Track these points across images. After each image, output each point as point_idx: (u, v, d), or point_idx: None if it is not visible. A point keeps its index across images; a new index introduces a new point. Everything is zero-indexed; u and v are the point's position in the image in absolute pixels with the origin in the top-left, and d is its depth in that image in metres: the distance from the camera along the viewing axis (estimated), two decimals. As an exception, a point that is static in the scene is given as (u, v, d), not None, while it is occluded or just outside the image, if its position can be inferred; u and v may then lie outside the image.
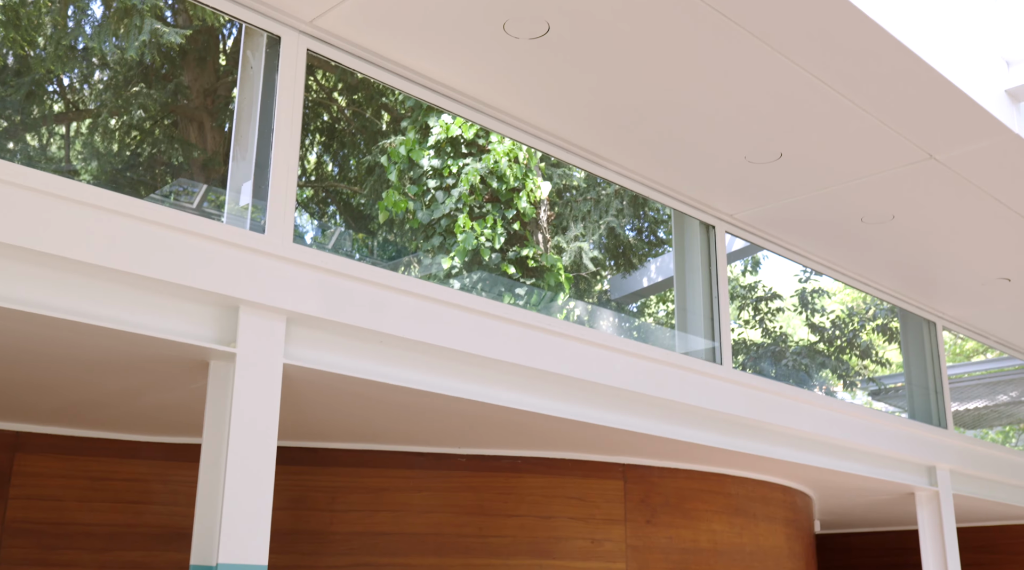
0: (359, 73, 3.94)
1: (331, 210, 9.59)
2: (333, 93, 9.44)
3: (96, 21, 6.90)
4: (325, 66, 9.25)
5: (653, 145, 4.68)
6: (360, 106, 9.02)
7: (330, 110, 9.33)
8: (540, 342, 4.21)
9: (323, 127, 9.32)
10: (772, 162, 4.83)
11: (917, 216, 5.49)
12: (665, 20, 3.66)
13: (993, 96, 4.46)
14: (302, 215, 9.40)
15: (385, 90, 8.76)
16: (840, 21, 3.69)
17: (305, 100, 9.48)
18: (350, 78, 8.89)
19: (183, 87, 7.75)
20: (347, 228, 9.22)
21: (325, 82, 9.38)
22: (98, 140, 7.76)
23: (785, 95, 4.20)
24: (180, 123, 7.91)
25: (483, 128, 7.55)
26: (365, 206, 8.79)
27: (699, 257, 5.49)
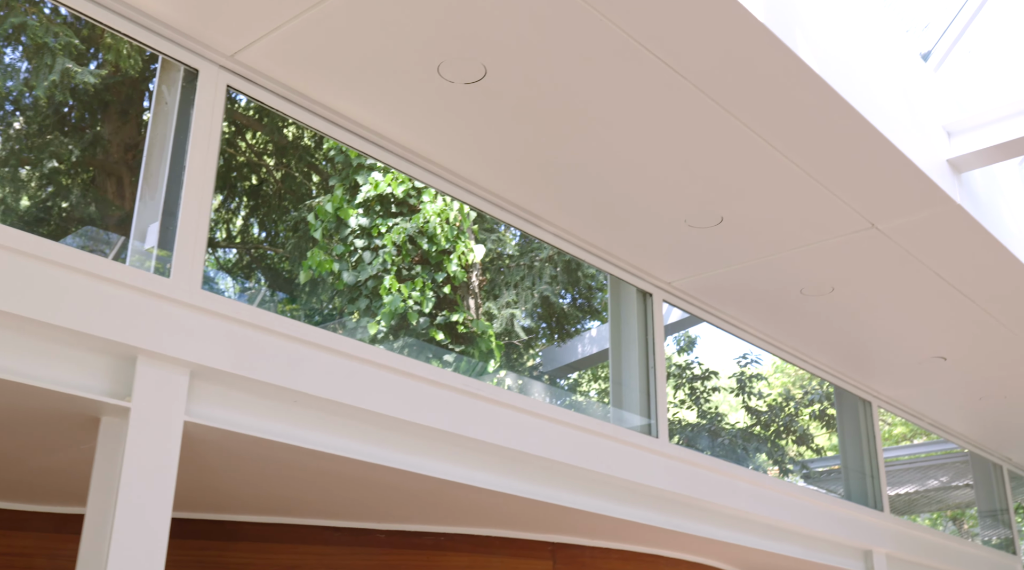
0: (282, 114, 3.71)
1: (256, 275, 9.26)
2: (263, 155, 9.20)
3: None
4: (256, 125, 9.01)
5: (590, 205, 4.50)
6: (290, 166, 8.77)
7: (259, 172, 9.07)
8: (469, 408, 3.94)
9: (251, 189, 9.04)
10: (713, 227, 4.68)
11: (856, 289, 5.39)
12: (607, 69, 3.50)
13: (935, 165, 4.39)
14: (225, 279, 9.06)
15: (315, 150, 8.54)
16: (789, 79, 3.58)
17: (234, 161, 9.21)
18: (280, 137, 8.66)
19: (102, 139, 7.44)
20: (271, 291, 8.89)
21: (255, 143, 9.14)
22: (4, 190, 7.37)
23: (729, 155, 4.06)
24: (97, 178, 7.57)
25: (414, 187, 7.35)
26: (289, 267, 8.48)
27: (635, 327, 5.29)
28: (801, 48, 3.49)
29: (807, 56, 3.52)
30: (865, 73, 3.95)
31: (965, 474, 11.01)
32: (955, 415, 7.90)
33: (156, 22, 3.29)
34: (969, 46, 5.12)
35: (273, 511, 4.39)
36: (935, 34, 4.94)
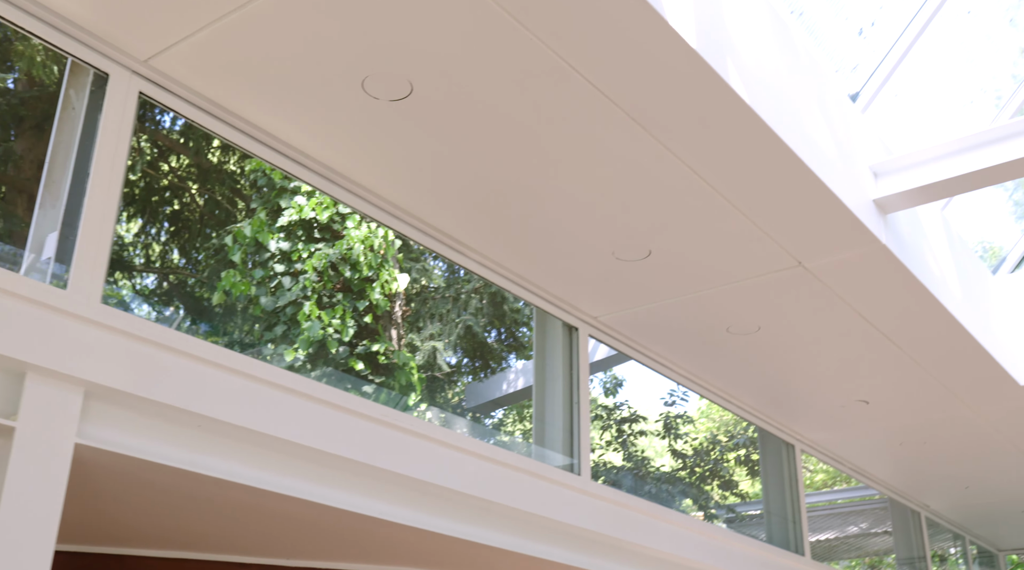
0: (199, 126, 3.55)
1: (175, 302, 8.97)
2: (188, 180, 8.96)
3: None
4: (180, 148, 8.78)
5: (517, 233, 4.41)
6: (213, 191, 8.54)
7: (182, 196, 8.83)
8: (386, 439, 3.78)
9: (173, 214, 8.79)
10: (641, 260, 4.61)
11: (782, 329, 5.36)
12: (537, 92, 3.42)
13: (862, 205, 4.39)
14: (141, 305, 8.75)
15: (239, 175, 8.34)
16: (721, 109, 3.54)
17: (156, 184, 8.95)
18: (204, 161, 8.44)
19: (14, 155, 7.14)
20: (189, 319, 8.60)
21: (179, 167, 8.90)
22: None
23: (659, 185, 4.01)
24: (8, 194, 7.26)
25: (339, 212, 7.18)
26: (207, 294, 8.22)
27: (560, 362, 5.19)
28: (733, 79, 3.46)
29: (739, 88, 3.49)
30: (796, 109, 3.94)
31: (884, 521, 11.10)
32: (876, 460, 7.93)
33: (65, 21, 3.12)
34: (896, 89, 5.18)
35: (172, 545, 4.15)
36: (863, 76, 4.99)
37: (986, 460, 7.87)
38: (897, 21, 4.98)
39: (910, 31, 5.01)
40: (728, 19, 3.56)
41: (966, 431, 7.11)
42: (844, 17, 4.70)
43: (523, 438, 10.43)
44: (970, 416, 6.76)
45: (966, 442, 7.38)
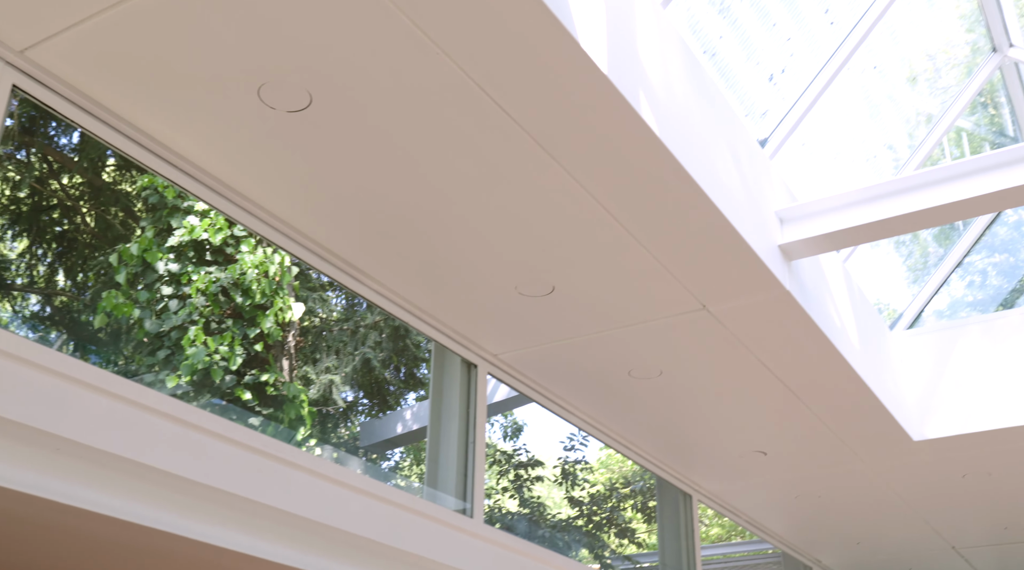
0: (79, 126, 3.31)
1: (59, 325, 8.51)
2: (79, 199, 8.56)
3: None
4: (70, 164, 8.38)
5: (418, 262, 4.24)
6: (105, 210, 8.16)
7: (71, 216, 8.42)
8: (268, 472, 3.54)
9: (60, 234, 8.37)
10: (544, 296, 4.49)
11: (684, 374, 5.29)
12: (443, 112, 3.29)
13: (768, 250, 4.36)
14: (23, 329, 8.28)
15: (132, 195, 7.98)
16: (631, 142, 3.45)
17: (45, 203, 8.52)
18: (96, 179, 8.07)
19: None
20: (72, 343, 8.16)
21: (70, 185, 8.50)
22: None
23: (566, 219, 3.90)
24: None
25: (233, 235, 6.89)
26: (88, 314, 7.78)
27: (457, 400, 5.01)
28: (645, 112, 3.39)
29: (651, 121, 3.42)
30: (706, 149, 3.89)
31: (777, 576, 11.10)
32: (771, 513, 7.91)
33: (-68, 2, 2.88)
34: (804, 137, 5.21)
35: (27, 581, 3.82)
36: (772, 122, 5.01)
37: (878, 516, 7.92)
38: (807, 71, 5.02)
39: (819, 81, 5.06)
40: (641, 51, 3.50)
41: (860, 486, 7.13)
42: (756, 62, 4.72)
43: (417, 480, 10.16)
44: (864, 470, 6.79)
45: (859, 497, 7.42)
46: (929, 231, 8.43)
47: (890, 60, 5.60)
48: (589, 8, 3.15)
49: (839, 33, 5.00)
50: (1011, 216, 8.69)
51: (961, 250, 8.29)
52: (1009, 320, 6.50)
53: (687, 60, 3.97)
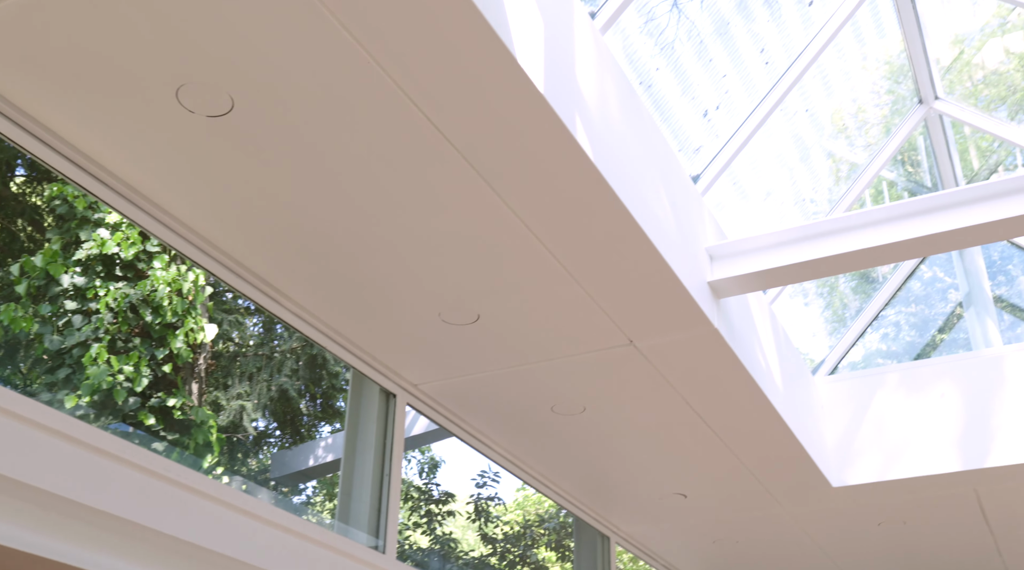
0: (-22, 121, 3.09)
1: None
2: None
3: None
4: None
5: (338, 284, 4.07)
6: (11, 222, 7.76)
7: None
8: (166, 497, 3.31)
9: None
10: (468, 324, 4.35)
11: (607, 412, 5.19)
12: (370, 123, 3.15)
13: (698, 286, 4.30)
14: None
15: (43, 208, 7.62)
16: (566, 166, 3.35)
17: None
18: (3, 190, 7.69)
19: None
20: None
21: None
22: None
23: (495, 244, 3.77)
24: None
25: (145, 250, 6.60)
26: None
27: (374, 430, 4.82)
28: (581, 136, 3.29)
29: (586, 146, 3.32)
30: (640, 180, 3.82)
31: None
32: (689, 558, 7.82)
33: None
34: (736, 176, 5.19)
35: None
36: (705, 159, 4.98)
37: (795, 564, 7.89)
38: (741, 109, 5.02)
39: (753, 120, 5.05)
40: (579, 75, 3.42)
41: (778, 532, 7.10)
42: (691, 97, 4.69)
43: (328, 516, 9.85)
44: (783, 516, 6.75)
45: (777, 543, 7.38)
46: (847, 284, 8.55)
47: (821, 105, 5.65)
48: (527, 25, 3.05)
49: (774, 74, 5.02)
50: (926, 272, 8.86)
51: (878, 303, 8.39)
52: (926, 370, 6.55)
53: (623, 89, 3.90)
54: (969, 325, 7.43)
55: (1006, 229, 4.04)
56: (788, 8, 4.94)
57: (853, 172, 6.67)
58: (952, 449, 6.04)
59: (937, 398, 6.33)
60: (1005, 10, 6.29)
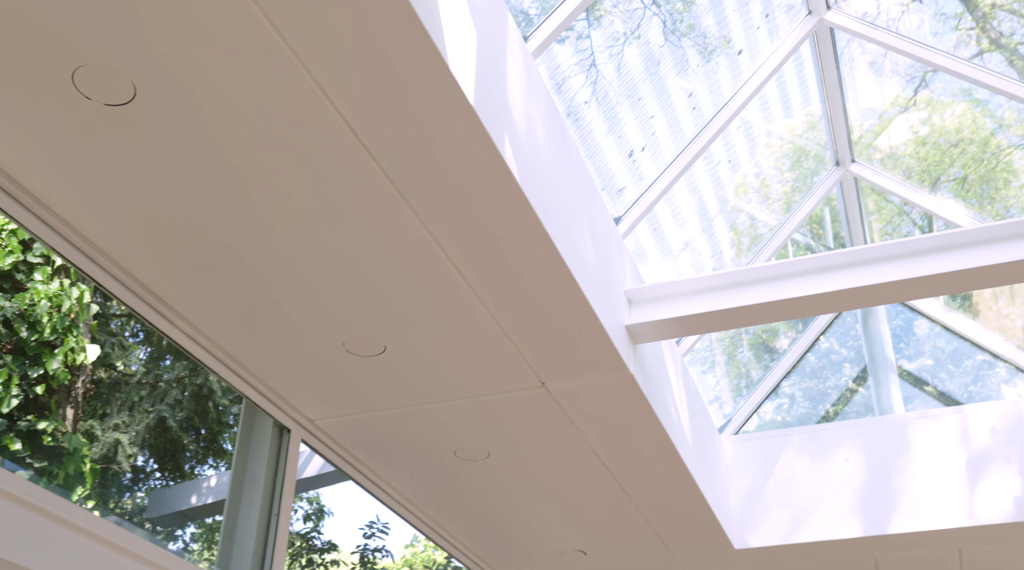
0: None
1: None
2: None
3: None
4: None
5: (235, 303, 3.78)
6: None
7: None
8: (35, 529, 2.95)
9: None
10: (374, 356, 4.10)
11: (513, 458, 4.97)
12: (284, 129, 2.92)
13: (616, 330, 4.14)
14: None
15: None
16: (491, 190, 3.17)
17: None
18: None
19: None
20: None
21: None
22: None
23: (409, 269, 3.55)
24: None
25: (26, 261, 6.11)
26: None
27: (264, 468, 4.49)
28: (509, 157, 3.12)
29: (514, 169, 3.15)
30: (566, 215, 3.65)
31: None
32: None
33: None
34: (657, 220, 5.10)
35: None
36: (628, 201, 4.87)
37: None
38: (667, 153, 4.94)
39: (678, 165, 4.98)
40: (510, 95, 3.26)
41: (675, 594, 6.92)
42: (618, 135, 4.59)
43: (206, 566, 9.30)
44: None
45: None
46: (747, 353, 8.59)
47: (742, 158, 5.64)
48: (461, 33, 2.89)
49: (700, 120, 4.96)
50: (823, 343, 8.94)
51: (777, 375, 8.40)
52: (831, 433, 6.53)
53: (552, 117, 3.76)
54: (872, 391, 7.47)
55: (929, 286, 4.01)
56: (718, 54, 4.92)
57: (765, 233, 6.67)
58: (854, 515, 6.00)
59: (841, 462, 6.30)
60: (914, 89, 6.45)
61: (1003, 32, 6.02)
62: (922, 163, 6.64)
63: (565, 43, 4.42)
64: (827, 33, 5.34)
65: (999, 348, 7.09)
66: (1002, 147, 6.86)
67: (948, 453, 6.17)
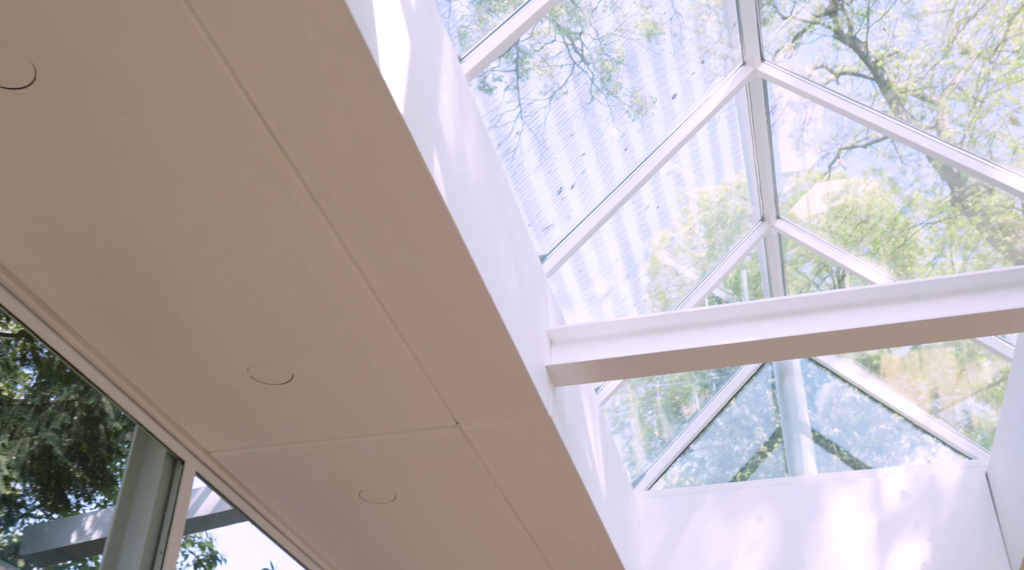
0: None
1: None
2: None
3: None
4: None
5: (133, 319, 3.50)
6: None
7: None
8: None
9: None
10: (280, 385, 3.86)
11: (419, 502, 4.74)
12: (197, 127, 2.72)
13: (537, 370, 3.98)
14: None
15: None
16: (419, 212, 3.00)
17: None
18: None
19: None
20: None
21: None
22: None
23: (325, 294, 3.34)
24: None
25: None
26: None
27: (152, 502, 4.18)
28: (437, 175, 2.96)
29: (441, 187, 2.99)
30: (492, 245, 3.50)
31: None
32: None
33: None
34: (582, 262, 4.98)
35: None
36: (555, 239, 4.74)
37: None
38: (596, 193, 4.84)
39: (607, 206, 4.88)
40: (442, 113, 3.11)
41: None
42: (548, 170, 4.48)
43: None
44: (587, 636, 6.37)
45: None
46: (658, 415, 8.53)
47: (671, 205, 5.59)
48: (394, 40, 2.74)
49: (631, 162, 4.89)
50: (735, 409, 8.93)
51: (688, 436, 8.32)
52: (744, 493, 6.45)
53: (484, 142, 3.63)
54: (785, 452, 7.43)
55: (854, 339, 3.96)
56: (652, 80, 4.86)
57: (687, 286, 6.63)
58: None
59: (754, 522, 6.21)
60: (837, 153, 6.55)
61: (913, 115, 6.16)
62: (834, 237, 6.72)
63: (493, 94, 4.32)
64: (760, 85, 5.35)
65: (911, 413, 7.13)
66: (910, 225, 6.99)
67: (860, 516, 6.13)
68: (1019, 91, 5.73)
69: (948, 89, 6.03)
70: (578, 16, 4.66)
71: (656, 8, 4.85)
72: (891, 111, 6.09)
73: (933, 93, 6.11)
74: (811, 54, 5.60)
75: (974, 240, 6.79)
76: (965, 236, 6.83)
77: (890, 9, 5.78)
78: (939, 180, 6.56)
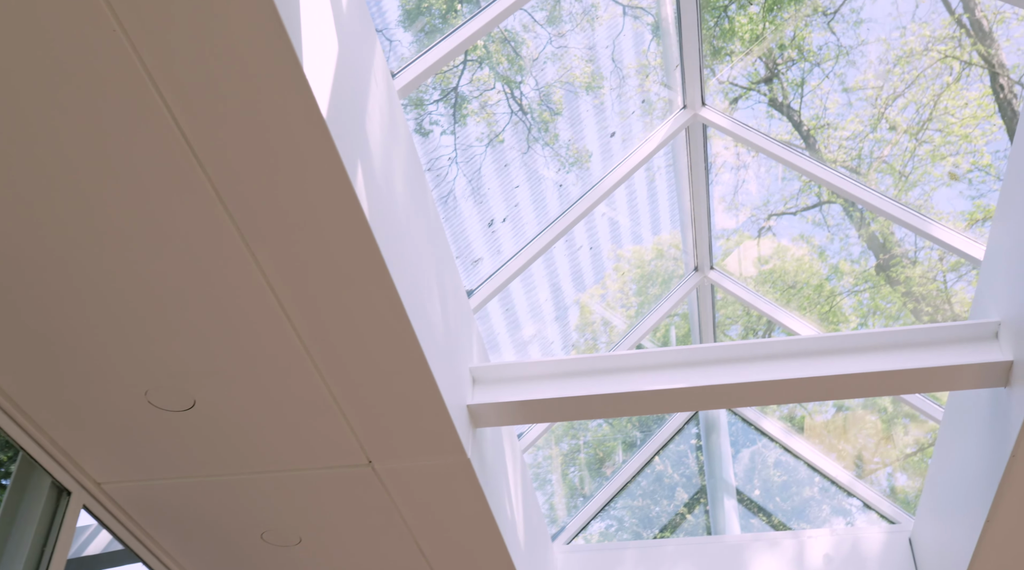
0: None
1: None
2: None
3: None
4: None
5: (20, 331, 3.20)
6: None
7: None
8: None
9: None
10: (181, 412, 3.58)
11: (324, 547, 4.46)
12: (101, 122, 2.49)
13: (458, 410, 3.77)
14: None
15: None
16: (336, 224, 2.80)
17: None
18: None
19: None
20: None
21: None
22: None
23: (233, 314, 3.09)
24: None
25: None
26: None
27: (31, 536, 3.82)
28: (360, 189, 2.77)
29: (363, 202, 2.79)
30: (417, 273, 3.30)
31: None
32: None
33: None
34: (511, 301, 4.81)
35: None
36: (483, 274, 4.56)
37: None
38: (528, 228, 4.68)
39: (538, 243, 4.72)
40: (368, 125, 2.93)
41: None
42: (479, 201, 4.31)
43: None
44: None
45: None
46: (581, 471, 8.37)
47: (604, 247, 5.46)
48: (321, 41, 2.56)
49: (566, 199, 4.75)
50: (659, 465, 8.79)
51: (610, 492, 8.15)
52: (666, 550, 6.27)
53: (413, 164, 3.44)
54: (710, 510, 7.28)
55: (788, 390, 3.83)
56: (590, 132, 4.74)
57: (616, 336, 6.49)
58: (684, 637, 5.69)
59: (674, 580, 6.02)
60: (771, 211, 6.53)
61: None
62: (762, 299, 6.70)
63: (428, 137, 4.17)
64: (699, 130, 5.29)
65: (836, 474, 7.05)
66: (835, 293, 7.00)
67: (782, 578, 5.99)
68: (942, 168, 5.80)
69: (876, 162, 6.08)
70: (519, 65, 4.56)
71: (598, 62, 4.77)
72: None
73: (862, 165, 6.15)
74: (748, 119, 5.58)
75: (897, 309, 6.82)
76: (889, 306, 6.85)
77: (823, 82, 5.83)
78: (865, 249, 6.60)
